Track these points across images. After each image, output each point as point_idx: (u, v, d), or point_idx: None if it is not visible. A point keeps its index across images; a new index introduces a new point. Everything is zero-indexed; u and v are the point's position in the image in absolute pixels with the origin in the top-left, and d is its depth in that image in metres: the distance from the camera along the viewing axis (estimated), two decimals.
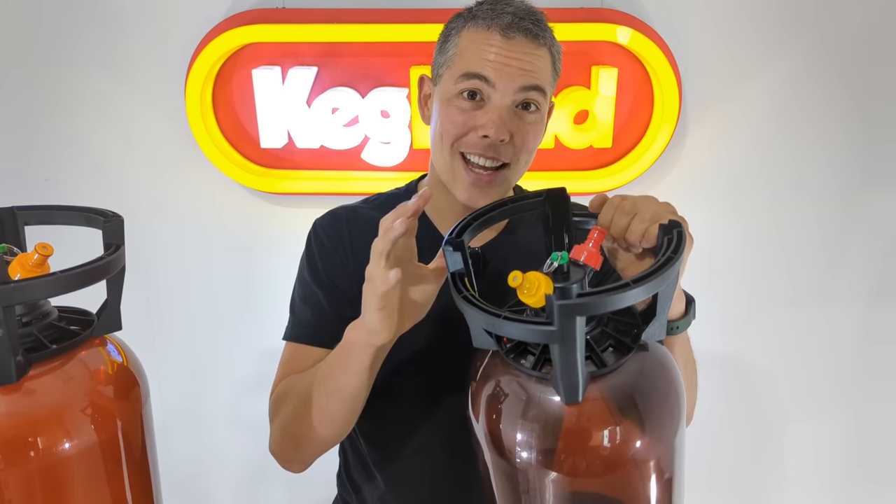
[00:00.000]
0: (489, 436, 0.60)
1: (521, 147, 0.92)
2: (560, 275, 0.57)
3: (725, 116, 1.74)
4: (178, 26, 1.68)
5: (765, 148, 1.77)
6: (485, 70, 0.89)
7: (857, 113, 1.73)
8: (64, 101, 1.74)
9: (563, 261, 0.57)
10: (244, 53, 1.68)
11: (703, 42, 1.69)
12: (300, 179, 1.77)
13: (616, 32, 1.59)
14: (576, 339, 0.52)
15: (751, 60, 1.70)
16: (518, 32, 0.89)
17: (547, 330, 0.52)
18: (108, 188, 1.79)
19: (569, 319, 0.51)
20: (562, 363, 0.53)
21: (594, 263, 0.58)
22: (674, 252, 0.57)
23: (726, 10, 1.67)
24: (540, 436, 0.57)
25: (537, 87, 0.91)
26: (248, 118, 1.73)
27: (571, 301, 0.51)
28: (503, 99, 0.90)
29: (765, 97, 1.73)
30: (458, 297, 0.60)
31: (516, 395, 0.59)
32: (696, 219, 1.77)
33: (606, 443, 0.56)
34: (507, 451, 0.59)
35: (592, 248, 0.59)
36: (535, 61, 0.90)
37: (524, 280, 0.54)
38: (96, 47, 1.70)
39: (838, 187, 1.79)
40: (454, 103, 0.92)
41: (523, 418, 0.58)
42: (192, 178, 1.80)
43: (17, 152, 1.78)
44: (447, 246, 0.66)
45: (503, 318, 0.55)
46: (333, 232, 1.02)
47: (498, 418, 0.60)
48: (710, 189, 1.80)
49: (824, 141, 1.76)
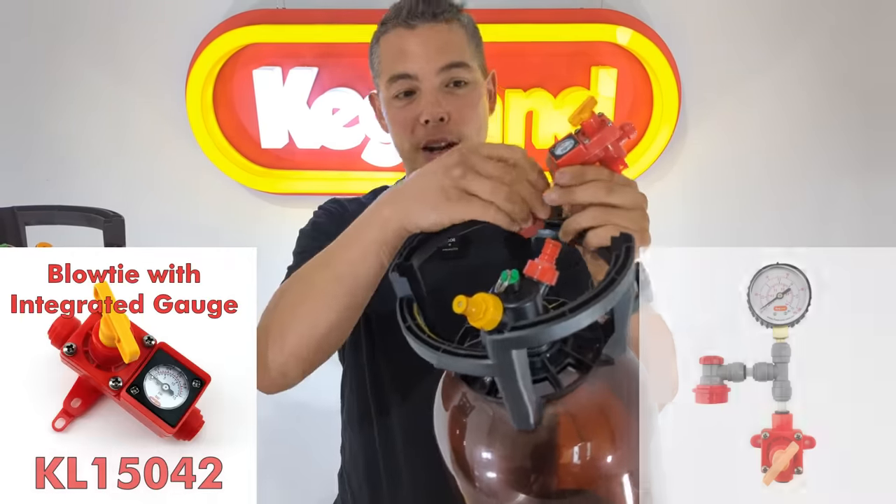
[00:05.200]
0: (453, 456, 0.60)
1: (461, 122, 0.94)
2: (511, 294, 0.55)
3: (725, 117, 1.74)
4: (178, 27, 1.68)
5: (764, 148, 1.77)
6: (403, 67, 0.92)
7: (858, 112, 1.73)
8: (64, 101, 1.74)
9: (514, 280, 0.55)
10: (245, 54, 1.68)
11: (702, 42, 1.69)
12: (300, 179, 1.77)
13: (616, 33, 1.59)
14: (515, 370, 0.50)
15: (750, 60, 1.70)
16: (417, 19, 0.92)
17: (484, 364, 0.51)
18: (108, 188, 1.79)
19: (504, 353, 0.50)
20: (506, 393, 0.52)
21: (549, 279, 0.55)
22: (618, 273, 0.54)
23: (726, 10, 1.67)
24: (501, 458, 0.56)
25: (455, 62, 0.92)
26: (249, 118, 1.73)
27: (503, 336, 0.50)
28: (428, 84, 0.92)
29: (764, 97, 1.73)
30: (403, 327, 0.58)
31: (476, 418, 0.58)
32: (695, 219, 1.79)
33: (575, 460, 0.55)
34: (471, 473, 0.58)
35: (547, 262, 0.57)
36: (444, 38, 0.92)
37: (469, 304, 0.51)
38: (97, 48, 1.70)
39: (839, 187, 1.79)
40: (394, 107, 0.95)
41: (484, 441, 0.57)
42: (192, 178, 1.80)
43: (17, 152, 1.78)
44: (393, 272, 0.62)
45: (442, 351, 0.54)
46: (340, 207, 1.06)
47: (460, 440, 0.59)
48: (709, 189, 1.80)
49: (824, 140, 1.76)
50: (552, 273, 0.56)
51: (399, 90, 0.94)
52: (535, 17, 1.61)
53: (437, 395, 0.64)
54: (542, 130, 1.69)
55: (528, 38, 1.61)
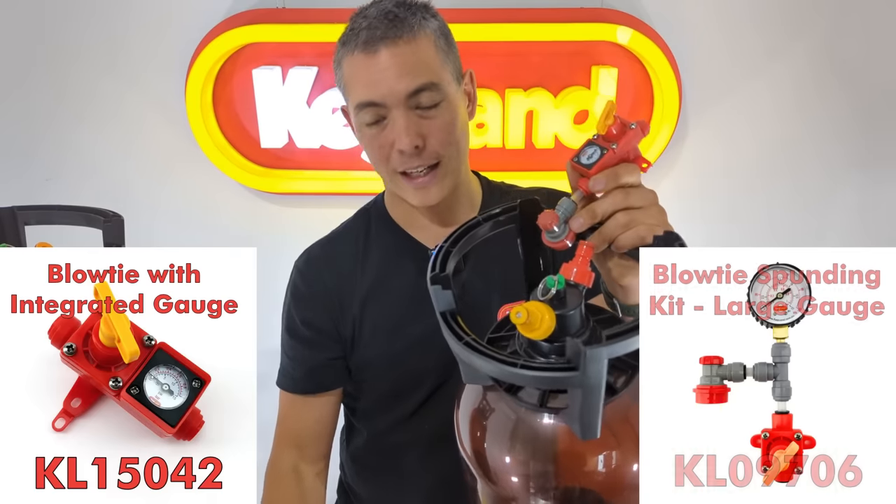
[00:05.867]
0: (475, 460, 0.59)
1: (438, 145, 0.90)
2: (557, 300, 0.54)
3: (725, 116, 1.74)
4: (178, 26, 1.68)
5: (765, 148, 1.77)
6: (369, 95, 0.88)
7: (856, 114, 1.73)
8: (64, 101, 1.74)
9: (560, 286, 0.54)
10: (244, 53, 1.68)
11: (702, 42, 1.69)
12: (300, 179, 1.77)
13: (616, 32, 1.59)
14: (602, 381, 0.49)
15: (751, 60, 1.71)
16: (377, 44, 0.86)
17: (572, 376, 0.49)
18: (108, 188, 1.79)
19: (597, 364, 0.48)
20: (584, 406, 0.50)
21: (586, 281, 0.55)
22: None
23: (726, 10, 1.67)
24: (530, 460, 0.56)
25: (423, 86, 0.87)
26: (249, 118, 1.73)
27: (602, 346, 0.48)
28: (397, 110, 0.88)
29: (765, 97, 1.73)
30: (459, 344, 0.55)
31: (503, 420, 0.58)
32: (696, 219, 1.79)
33: (601, 468, 0.56)
34: (494, 475, 0.58)
35: (583, 265, 0.56)
36: (409, 61, 0.87)
37: (528, 315, 0.50)
38: (96, 47, 1.70)
39: (837, 188, 1.79)
40: (366, 135, 0.92)
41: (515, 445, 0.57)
42: (192, 178, 1.80)
43: (17, 152, 1.78)
44: (434, 285, 0.58)
45: (520, 366, 0.50)
46: (313, 276, 1.03)
47: (482, 440, 0.58)
48: (709, 189, 1.80)
49: (824, 141, 1.76)
50: (589, 275, 0.56)
51: (369, 119, 0.90)
52: (536, 16, 1.61)
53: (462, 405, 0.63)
54: (542, 130, 1.69)
55: (529, 38, 1.61)
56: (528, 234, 0.65)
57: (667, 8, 1.67)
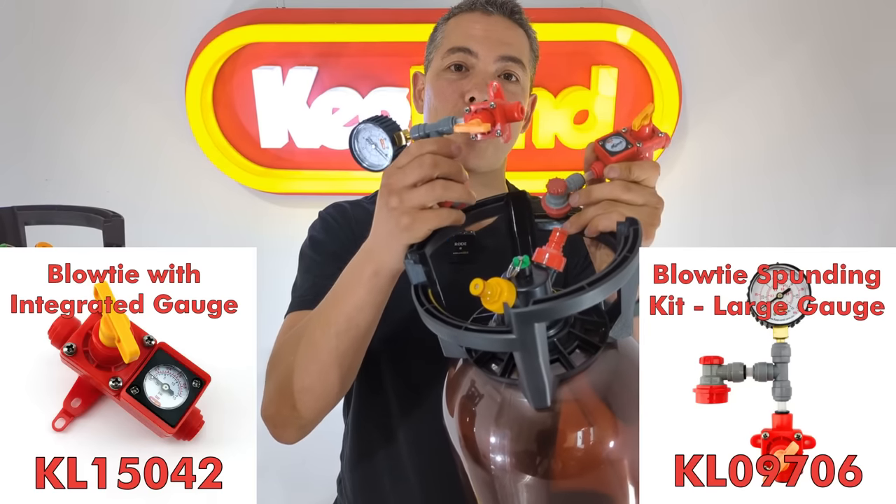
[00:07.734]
0: (463, 441, 0.61)
1: None
2: (523, 279, 0.58)
3: (725, 116, 1.75)
4: (178, 26, 1.68)
5: (765, 147, 1.77)
6: (468, 42, 0.95)
7: (858, 112, 1.73)
8: (64, 101, 1.74)
9: (525, 265, 0.58)
10: (244, 53, 1.68)
11: (702, 42, 1.69)
12: (300, 179, 1.77)
13: (616, 32, 1.59)
14: (536, 345, 0.53)
15: (751, 60, 1.71)
16: (496, 10, 0.97)
17: (507, 338, 0.53)
18: (108, 188, 1.79)
19: (527, 327, 0.52)
20: (525, 369, 0.54)
21: (557, 265, 0.58)
22: (629, 251, 0.57)
23: (726, 10, 1.67)
24: (513, 440, 0.58)
25: (516, 58, 0.96)
26: (249, 118, 1.73)
27: (528, 309, 0.52)
28: (486, 66, 0.94)
29: (765, 97, 1.73)
30: (421, 310, 0.61)
31: (488, 401, 0.60)
32: (696, 217, 1.79)
33: (580, 444, 0.57)
34: (481, 456, 0.59)
35: (554, 249, 0.59)
36: (513, 35, 0.97)
37: (486, 287, 0.54)
38: (96, 47, 1.70)
39: (840, 186, 1.79)
40: (443, 77, 0.96)
41: (496, 423, 0.59)
42: (192, 178, 1.80)
43: (17, 152, 1.78)
44: (409, 258, 0.66)
45: (464, 329, 0.56)
46: (339, 216, 1.05)
47: (471, 424, 0.60)
48: (710, 188, 1.80)
49: (825, 140, 1.76)
50: (560, 259, 0.59)
51: (454, 61, 0.95)
52: (536, 16, 1.60)
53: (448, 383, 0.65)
54: (542, 130, 1.69)
55: None
56: (517, 224, 0.71)
57: (667, 8, 1.67)
